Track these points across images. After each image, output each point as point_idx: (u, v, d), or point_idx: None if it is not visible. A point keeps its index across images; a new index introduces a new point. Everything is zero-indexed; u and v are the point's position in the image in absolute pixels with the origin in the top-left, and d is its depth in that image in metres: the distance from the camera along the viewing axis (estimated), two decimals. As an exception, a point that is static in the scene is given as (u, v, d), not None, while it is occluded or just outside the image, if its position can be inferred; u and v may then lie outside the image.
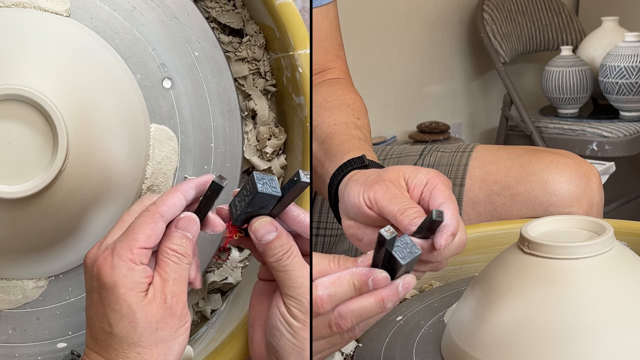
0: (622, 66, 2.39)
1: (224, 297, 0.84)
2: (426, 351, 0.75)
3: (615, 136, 2.37)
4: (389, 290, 0.61)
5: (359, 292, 0.60)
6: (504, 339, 0.68)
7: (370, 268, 0.61)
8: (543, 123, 2.52)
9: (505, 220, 1.00)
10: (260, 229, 0.66)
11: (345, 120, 0.93)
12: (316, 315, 0.60)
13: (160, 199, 0.66)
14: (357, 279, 0.60)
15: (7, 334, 0.76)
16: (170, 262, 0.65)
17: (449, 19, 2.67)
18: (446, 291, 0.88)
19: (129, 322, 0.63)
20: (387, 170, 0.72)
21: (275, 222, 0.67)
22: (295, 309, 0.65)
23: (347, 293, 0.60)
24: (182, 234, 0.66)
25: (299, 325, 0.65)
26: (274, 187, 0.65)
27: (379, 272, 0.60)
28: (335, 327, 0.60)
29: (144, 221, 0.65)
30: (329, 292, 0.59)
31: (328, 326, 0.60)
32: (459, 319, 0.73)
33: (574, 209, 0.98)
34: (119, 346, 0.64)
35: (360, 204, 0.71)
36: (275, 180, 0.66)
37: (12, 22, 0.72)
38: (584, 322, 0.66)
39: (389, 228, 0.60)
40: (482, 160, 1.05)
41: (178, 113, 0.78)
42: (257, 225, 0.67)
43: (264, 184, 0.65)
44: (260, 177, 0.65)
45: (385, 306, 0.61)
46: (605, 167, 2.16)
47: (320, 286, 0.59)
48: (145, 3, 0.78)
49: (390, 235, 0.59)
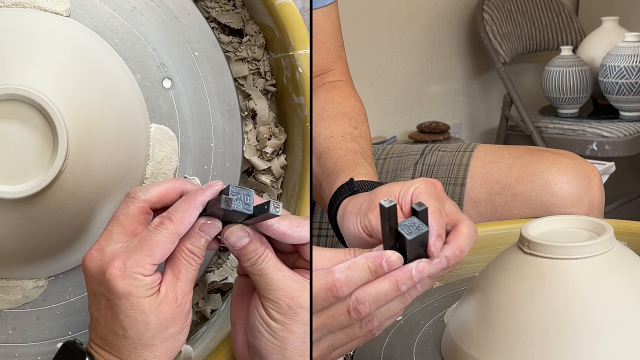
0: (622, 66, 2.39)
1: (224, 297, 0.84)
2: (426, 351, 0.75)
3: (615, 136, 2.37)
4: (402, 272, 0.61)
5: (375, 275, 0.61)
6: (504, 339, 0.68)
7: (383, 250, 0.62)
8: (543, 123, 2.52)
9: (505, 220, 1.00)
10: (232, 235, 0.67)
11: (342, 131, 0.93)
12: (335, 299, 0.60)
13: (180, 219, 0.66)
14: (371, 262, 0.61)
15: (7, 334, 0.76)
16: (187, 263, 0.67)
17: (449, 19, 2.67)
18: (446, 291, 0.88)
19: (143, 325, 0.65)
20: (378, 194, 0.72)
21: (246, 227, 0.68)
22: (274, 311, 0.66)
23: (363, 277, 0.61)
24: (203, 238, 0.67)
25: (278, 326, 0.66)
26: (247, 204, 0.66)
27: (390, 253, 0.61)
28: (354, 313, 0.61)
29: (163, 240, 0.66)
30: (345, 275, 0.60)
31: (347, 312, 0.61)
32: (459, 319, 0.73)
33: (575, 209, 0.98)
34: (132, 347, 0.66)
35: (359, 233, 0.71)
36: (251, 197, 0.66)
37: (12, 22, 0.72)
38: (584, 322, 0.66)
39: (388, 198, 0.61)
40: (483, 160, 1.05)
41: (178, 113, 0.78)
42: (229, 232, 0.68)
43: (237, 200, 0.66)
44: (237, 191, 0.66)
45: (400, 289, 0.61)
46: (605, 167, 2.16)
47: (337, 270, 0.60)
48: (145, 3, 0.78)
49: (389, 204, 0.60)
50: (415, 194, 0.68)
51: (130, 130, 0.75)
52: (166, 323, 0.66)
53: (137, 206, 0.68)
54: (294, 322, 0.66)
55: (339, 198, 0.80)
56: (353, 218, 0.72)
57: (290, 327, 0.66)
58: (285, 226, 0.68)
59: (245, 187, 0.67)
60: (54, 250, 0.74)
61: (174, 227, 0.66)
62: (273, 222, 0.68)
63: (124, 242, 0.66)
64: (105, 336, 0.66)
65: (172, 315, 0.66)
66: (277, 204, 0.65)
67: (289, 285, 0.67)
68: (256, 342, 0.67)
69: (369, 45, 2.44)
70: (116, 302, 0.65)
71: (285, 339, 0.66)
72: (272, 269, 0.67)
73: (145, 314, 0.65)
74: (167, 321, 0.66)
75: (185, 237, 0.67)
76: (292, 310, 0.66)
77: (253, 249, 0.67)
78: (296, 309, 0.66)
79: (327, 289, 0.60)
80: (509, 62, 2.56)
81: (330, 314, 0.61)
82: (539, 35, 2.73)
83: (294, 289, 0.67)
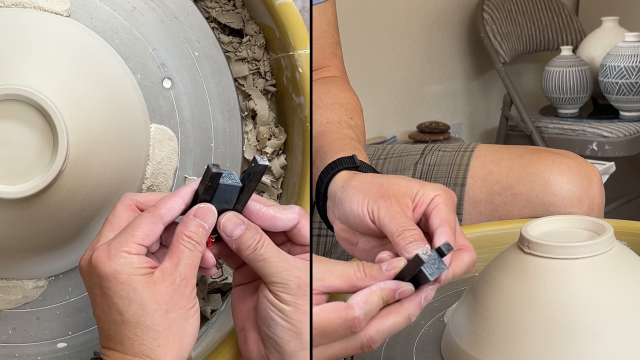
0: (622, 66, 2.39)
1: (224, 297, 0.84)
2: (426, 351, 0.75)
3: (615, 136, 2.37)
4: (413, 306, 0.63)
5: (385, 304, 0.62)
6: (504, 339, 0.68)
7: (397, 281, 0.63)
8: (543, 123, 2.52)
9: (505, 220, 1.00)
10: (229, 223, 0.67)
11: (339, 119, 0.93)
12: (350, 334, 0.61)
13: (161, 202, 0.67)
14: (385, 294, 0.62)
15: (7, 334, 0.76)
16: (185, 247, 0.66)
17: (449, 19, 2.67)
18: (446, 291, 0.88)
19: (139, 305, 0.63)
20: (393, 184, 0.71)
21: (240, 216, 0.68)
22: (283, 292, 0.66)
23: (377, 308, 0.62)
24: (199, 223, 0.66)
25: (290, 309, 0.66)
26: (233, 179, 0.67)
27: (405, 285, 0.63)
28: (367, 348, 0.62)
29: (144, 221, 0.66)
30: (364, 312, 0.61)
31: (360, 347, 0.62)
32: (459, 319, 0.73)
33: (575, 209, 0.98)
34: (133, 334, 0.63)
35: (364, 216, 0.71)
36: (234, 173, 0.67)
37: (12, 22, 0.72)
38: (584, 322, 0.66)
39: (427, 250, 0.62)
40: (483, 160, 1.05)
41: (178, 113, 0.78)
42: (225, 221, 0.68)
43: (223, 177, 0.66)
44: (218, 171, 0.66)
45: (411, 321, 0.63)
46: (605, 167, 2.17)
47: (357, 307, 0.61)
48: (145, 3, 0.78)
49: (428, 259, 0.61)
50: (435, 202, 0.69)
51: (131, 130, 0.75)
52: (165, 305, 0.64)
53: (124, 205, 0.68)
54: (305, 302, 0.66)
55: (338, 167, 0.79)
56: (360, 197, 0.71)
57: (303, 308, 0.66)
58: (273, 210, 0.69)
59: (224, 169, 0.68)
60: (54, 250, 0.74)
61: (155, 210, 0.66)
62: (261, 207, 0.69)
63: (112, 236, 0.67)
64: (108, 331, 0.65)
65: (170, 297, 0.64)
66: (261, 156, 0.66)
67: (293, 265, 0.67)
68: (271, 332, 0.66)
69: (369, 45, 2.44)
70: (107, 285, 0.63)
71: (300, 321, 0.66)
72: (273, 252, 0.67)
73: (138, 292, 0.63)
74: (166, 303, 0.64)
75: (181, 224, 0.67)
76: (302, 290, 0.66)
77: (250, 236, 0.67)
78: (304, 288, 0.66)
79: (347, 326, 0.61)
80: (509, 62, 2.56)
81: (343, 347, 0.62)
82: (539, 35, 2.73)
83: (299, 268, 0.67)
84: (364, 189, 0.72)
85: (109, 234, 0.67)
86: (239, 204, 0.68)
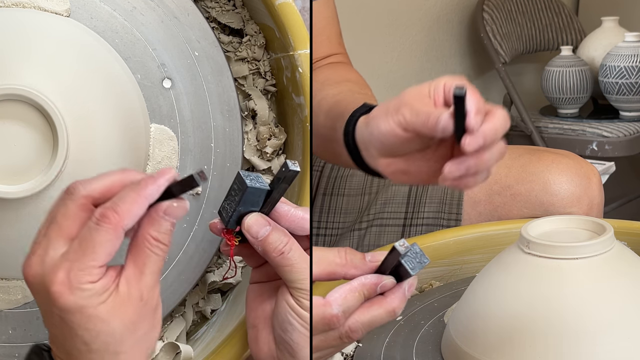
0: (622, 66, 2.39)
1: (224, 297, 0.84)
2: (426, 351, 0.75)
3: (615, 136, 2.37)
4: (397, 300, 0.62)
5: (366, 298, 0.61)
6: (504, 339, 0.68)
7: (378, 275, 0.62)
8: (543, 123, 2.52)
9: (505, 220, 1.00)
10: (254, 224, 0.65)
11: (349, 89, 0.92)
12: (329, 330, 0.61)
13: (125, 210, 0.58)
14: (367, 289, 0.61)
15: (7, 334, 0.76)
16: (153, 253, 0.59)
17: (449, 19, 2.67)
18: (446, 291, 0.88)
19: (107, 335, 0.58)
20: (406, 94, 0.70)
21: (266, 217, 0.66)
22: (305, 300, 0.65)
23: (357, 304, 0.61)
24: (170, 222, 0.60)
25: None
26: (261, 182, 0.65)
27: (386, 278, 0.62)
28: (346, 339, 0.61)
29: (105, 237, 0.57)
30: (343, 309, 0.60)
31: (339, 338, 0.61)
32: (459, 319, 0.73)
33: (574, 209, 0.98)
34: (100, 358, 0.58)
35: (394, 131, 0.68)
36: (261, 177, 0.66)
37: (12, 22, 0.72)
38: (584, 322, 0.66)
39: (404, 242, 0.61)
40: (482, 160, 1.05)
41: (178, 113, 0.78)
42: (250, 221, 0.66)
43: (251, 180, 0.65)
44: (246, 174, 0.65)
45: (396, 315, 0.62)
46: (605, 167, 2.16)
47: (334, 304, 0.60)
48: (145, 3, 0.78)
49: (405, 250, 0.61)
50: (447, 86, 0.68)
51: (131, 130, 0.75)
52: (132, 325, 0.58)
53: (77, 204, 0.59)
54: None
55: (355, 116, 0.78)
56: (382, 119, 0.69)
57: None
58: (301, 212, 0.67)
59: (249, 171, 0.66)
60: (54, 250, 0.74)
61: (118, 221, 0.58)
62: (289, 209, 0.67)
63: (64, 246, 0.58)
64: (70, 351, 0.59)
65: (138, 316, 0.59)
66: (293, 161, 0.64)
67: None
68: (287, 336, 0.66)
69: (369, 45, 2.43)
70: (70, 318, 0.57)
71: None
72: (300, 257, 0.65)
73: (106, 323, 0.57)
74: (134, 323, 0.58)
75: (149, 223, 0.59)
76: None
77: (277, 238, 0.65)
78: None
79: (324, 323, 0.60)
80: (509, 62, 2.56)
81: (322, 339, 0.62)
82: (539, 35, 2.72)
83: None
84: (382, 112, 0.70)
85: (59, 242, 0.58)
86: (266, 207, 0.67)
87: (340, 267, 0.63)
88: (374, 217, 1.08)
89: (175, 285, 0.78)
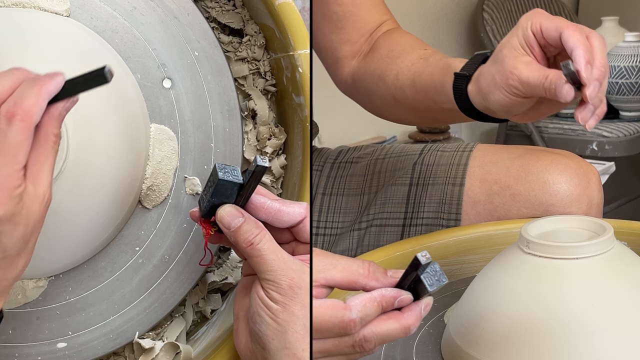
0: (622, 66, 2.39)
1: (224, 297, 0.84)
2: (426, 351, 0.75)
3: (615, 136, 2.37)
4: (413, 317, 0.62)
5: (384, 311, 0.62)
6: (504, 339, 0.68)
7: (397, 289, 0.63)
8: (543, 123, 2.52)
9: (505, 220, 1.00)
10: (226, 216, 0.67)
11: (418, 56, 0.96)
12: (345, 335, 0.61)
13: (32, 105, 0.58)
14: (385, 301, 0.62)
15: (7, 334, 0.76)
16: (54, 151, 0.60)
17: (449, 19, 2.67)
18: (446, 291, 0.88)
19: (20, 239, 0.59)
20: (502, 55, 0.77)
21: (239, 209, 0.68)
22: (274, 291, 0.66)
23: (374, 314, 0.62)
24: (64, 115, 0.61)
25: (278, 307, 0.65)
26: (235, 175, 0.67)
27: (405, 293, 0.63)
28: (358, 348, 0.62)
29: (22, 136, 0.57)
30: (361, 315, 0.61)
31: (352, 346, 0.62)
32: (459, 319, 0.73)
33: (574, 209, 0.98)
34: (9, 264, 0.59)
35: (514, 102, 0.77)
36: (237, 170, 0.68)
37: (12, 22, 0.72)
38: (584, 322, 0.66)
39: (426, 253, 0.62)
40: (482, 160, 1.05)
41: (178, 113, 0.78)
42: (222, 212, 0.68)
43: (225, 173, 0.67)
44: (222, 167, 0.67)
45: (410, 332, 0.62)
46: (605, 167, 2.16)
47: (354, 309, 0.61)
48: (145, 3, 0.78)
49: (426, 261, 0.61)
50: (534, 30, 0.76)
51: (130, 130, 0.75)
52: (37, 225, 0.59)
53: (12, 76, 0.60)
54: (294, 304, 0.65)
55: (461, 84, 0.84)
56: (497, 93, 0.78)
57: (291, 309, 0.65)
58: (278, 204, 0.69)
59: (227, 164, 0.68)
60: (54, 251, 0.74)
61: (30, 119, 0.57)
62: (265, 201, 0.69)
63: None
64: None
65: (41, 216, 0.59)
66: (262, 157, 0.66)
67: (289, 266, 0.66)
68: (257, 327, 0.66)
69: (369, 45, 2.43)
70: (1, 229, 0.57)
71: (286, 322, 0.65)
72: (270, 249, 0.67)
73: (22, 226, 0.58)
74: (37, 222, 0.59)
75: (49, 121, 0.60)
76: (293, 291, 0.65)
77: (248, 229, 0.67)
78: (296, 290, 0.65)
79: (341, 327, 0.61)
80: (508, 62, 2.56)
81: (335, 343, 0.62)
82: (539, 35, 2.73)
83: (294, 270, 0.66)
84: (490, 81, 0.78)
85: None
86: (240, 200, 0.69)
87: (362, 278, 0.64)
88: (373, 217, 1.08)
89: (175, 285, 0.78)
